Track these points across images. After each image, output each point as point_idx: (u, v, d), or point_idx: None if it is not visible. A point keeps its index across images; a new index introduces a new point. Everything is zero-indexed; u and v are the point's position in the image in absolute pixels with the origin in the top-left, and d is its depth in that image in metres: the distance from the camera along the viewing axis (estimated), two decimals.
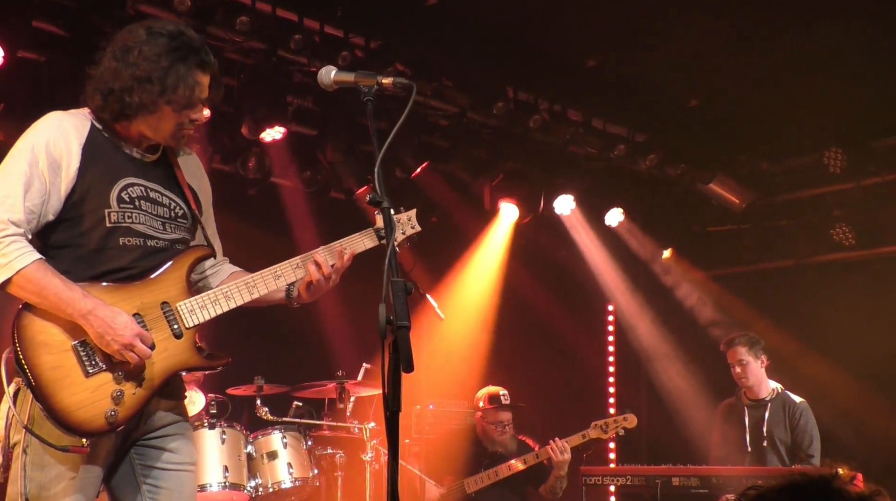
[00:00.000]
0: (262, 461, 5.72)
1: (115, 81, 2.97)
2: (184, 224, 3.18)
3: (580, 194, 8.09)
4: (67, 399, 2.85)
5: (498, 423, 6.70)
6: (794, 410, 6.47)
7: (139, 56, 2.96)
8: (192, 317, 3.09)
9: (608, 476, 6.52)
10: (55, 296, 2.86)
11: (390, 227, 2.66)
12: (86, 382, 2.89)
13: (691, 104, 7.71)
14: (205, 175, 3.38)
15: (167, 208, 3.13)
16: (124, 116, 3.00)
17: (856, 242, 8.11)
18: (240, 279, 3.22)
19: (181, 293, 3.10)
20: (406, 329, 2.44)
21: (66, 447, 2.86)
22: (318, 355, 6.87)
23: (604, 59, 7.01)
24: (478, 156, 7.60)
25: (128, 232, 3.02)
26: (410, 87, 2.80)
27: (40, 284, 2.86)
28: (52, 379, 2.85)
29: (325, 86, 2.96)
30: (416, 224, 3.56)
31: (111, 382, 2.92)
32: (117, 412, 2.91)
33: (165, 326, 3.05)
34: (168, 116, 3.01)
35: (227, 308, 3.15)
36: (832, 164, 7.79)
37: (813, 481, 1.65)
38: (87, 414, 2.87)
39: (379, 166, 2.67)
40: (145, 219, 3.06)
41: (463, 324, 8.10)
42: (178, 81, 2.96)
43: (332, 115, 6.85)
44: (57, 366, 2.87)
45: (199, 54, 3.02)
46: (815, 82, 7.07)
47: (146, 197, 3.08)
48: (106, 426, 2.90)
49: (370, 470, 5.84)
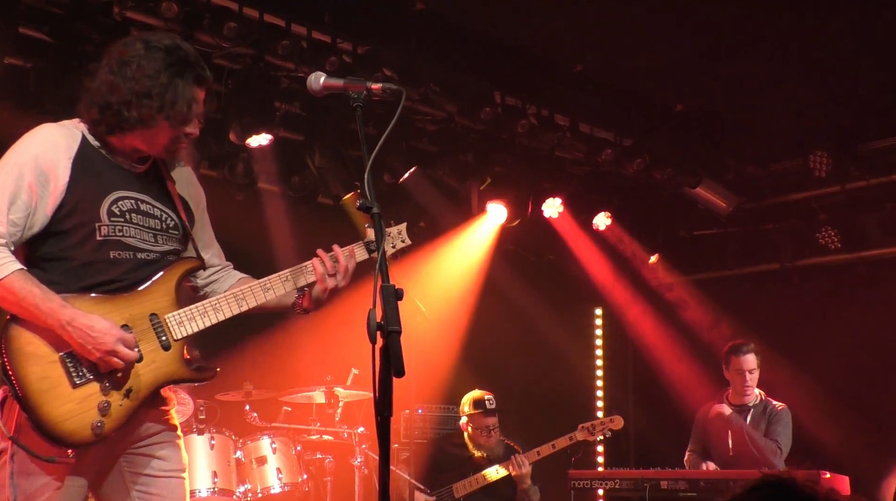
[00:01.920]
0: (252, 466, 5.72)
1: (113, 94, 2.97)
2: (175, 235, 3.17)
3: (567, 198, 8.12)
4: (54, 411, 2.85)
5: (484, 428, 6.71)
6: (773, 414, 6.51)
7: (137, 71, 2.96)
8: (180, 329, 3.08)
9: (596, 479, 6.53)
10: (34, 307, 2.86)
11: (381, 232, 2.67)
12: (73, 393, 2.88)
13: (677, 109, 7.75)
14: (197, 183, 3.37)
15: (158, 220, 3.13)
16: (119, 129, 3.00)
17: (841, 245, 8.15)
18: (229, 292, 3.21)
19: (170, 305, 3.09)
20: (397, 334, 2.45)
21: (53, 458, 2.86)
22: (306, 360, 6.87)
23: (591, 65, 7.04)
24: (465, 161, 7.61)
25: (118, 245, 3.02)
26: (400, 92, 2.82)
27: (20, 294, 2.85)
28: (39, 390, 2.85)
29: (314, 92, 2.97)
30: (407, 238, 3.52)
31: (98, 393, 2.91)
32: (104, 423, 2.90)
33: (154, 337, 3.04)
34: (164, 130, 3.02)
35: (215, 320, 3.14)
36: (817, 168, 7.82)
37: (779, 480, 1.68)
38: (74, 425, 2.86)
39: (369, 172, 2.68)
40: (136, 232, 3.05)
41: (450, 328, 8.10)
42: (176, 97, 2.97)
43: (319, 120, 6.85)
44: (44, 377, 2.86)
45: (195, 69, 3.03)
46: (800, 87, 7.11)
47: (137, 209, 3.07)
48: (92, 438, 2.89)
49: (359, 475, 5.84)
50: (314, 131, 6.92)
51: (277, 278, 3.23)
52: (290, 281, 3.24)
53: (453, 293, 8.26)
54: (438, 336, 7.84)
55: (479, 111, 6.97)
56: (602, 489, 6.58)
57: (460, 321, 8.27)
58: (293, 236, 7.13)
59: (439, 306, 7.81)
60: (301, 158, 7.05)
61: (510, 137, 7.37)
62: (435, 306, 7.38)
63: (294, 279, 3.24)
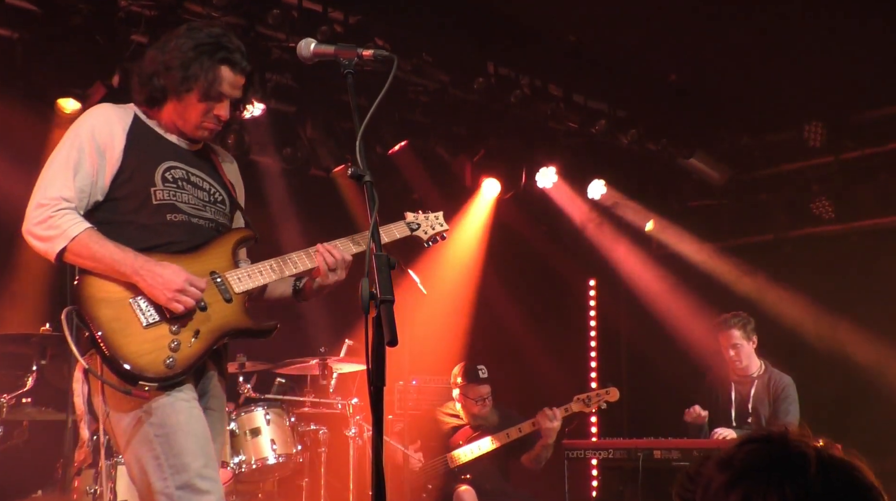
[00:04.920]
0: (246, 437, 5.72)
1: (150, 65, 3.24)
2: (222, 209, 3.37)
3: (561, 168, 8.10)
4: (127, 347, 2.99)
5: (477, 397, 6.72)
6: (778, 385, 6.51)
7: (175, 46, 3.20)
8: (240, 284, 3.25)
9: (590, 449, 6.55)
10: (109, 257, 3.03)
11: (373, 201, 2.66)
12: (144, 332, 3.03)
13: (671, 79, 7.71)
14: (241, 180, 3.58)
15: (207, 193, 3.32)
16: (155, 101, 3.24)
17: (835, 216, 8.14)
18: (282, 256, 3.37)
19: (228, 266, 3.28)
20: (390, 303, 2.43)
21: (129, 390, 2.98)
22: (300, 331, 6.87)
23: (584, 35, 6.99)
24: (458, 132, 7.57)
25: (173, 209, 3.19)
26: (391, 59, 2.80)
27: (93, 248, 3.03)
28: (113, 330, 3.00)
29: (304, 59, 2.95)
30: (444, 223, 3.83)
31: (168, 333, 3.06)
32: (175, 359, 3.03)
33: (216, 291, 3.20)
34: (191, 105, 3.22)
35: (271, 278, 3.31)
36: (812, 138, 7.81)
37: (768, 435, 1.68)
38: (148, 361, 2.99)
39: (360, 141, 2.66)
40: (188, 198, 3.24)
41: (445, 299, 8.11)
42: (199, 72, 3.17)
43: (311, 91, 6.80)
44: (116, 318, 3.02)
45: (227, 51, 3.22)
46: (794, 57, 7.08)
47: (187, 180, 3.27)
48: (166, 372, 3.01)
49: (353, 446, 5.85)
50: (306, 103, 6.87)
51: (318, 249, 3.37)
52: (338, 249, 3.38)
53: (447, 266, 8.25)
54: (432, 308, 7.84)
55: (472, 82, 6.94)
56: (596, 458, 6.60)
57: (454, 292, 8.27)
58: (287, 208, 7.11)
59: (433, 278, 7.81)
60: (293, 129, 7.01)
61: (503, 108, 7.33)
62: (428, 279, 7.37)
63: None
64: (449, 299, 8.18)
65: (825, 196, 8.15)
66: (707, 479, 1.63)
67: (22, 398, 5.03)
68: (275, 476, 5.95)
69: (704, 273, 8.85)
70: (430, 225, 3.78)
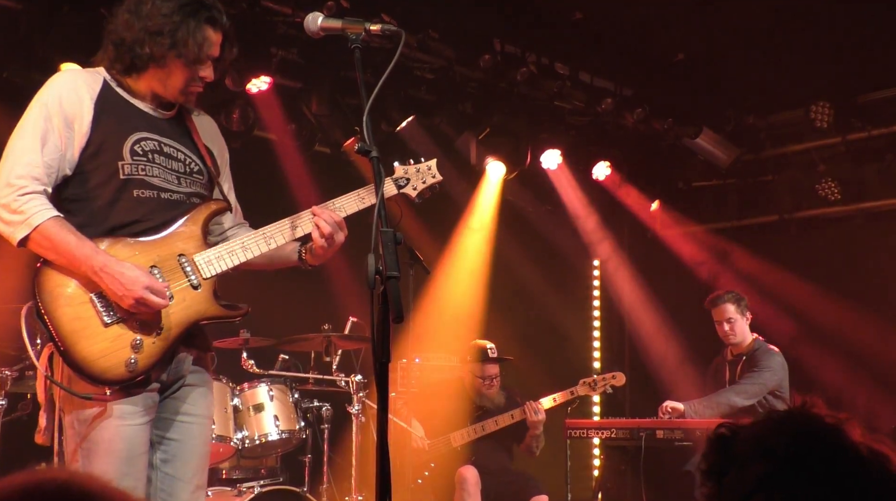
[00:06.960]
0: (249, 413, 5.72)
1: (128, 32, 3.04)
2: (199, 180, 3.23)
3: (567, 148, 8.06)
4: (88, 349, 2.92)
5: (486, 377, 6.72)
6: (761, 357, 6.50)
7: (152, 9, 3.02)
8: (209, 268, 3.13)
9: (593, 428, 6.58)
10: (70, 253, 2.92)
11: (380, 177, 2.65)
12: (105, 332, 2.95)
13: (678, 58, 7.66)
14: (220, 136, 3.43)
15: (181, 163, 3.18)
16: (135, 69, 3.08)
17: (841, 197, 8.12)
18: (257, 231, 3.24)
19: (198, 246, 3.14)
20: (396, 279, 2.43)
21: (89, 395, 2.93)
22: (304, 308, 6.86)
23: (590, 13, 6.94)
24: (463, 110, 7.54)
25: (141, 184, 3.06)
26: (399, 34, 2.78)
27: (55, 240, 2.91)
28: (73, 330, 2.92)
29: (311, 33, 2.93)
30: (437, 174, 3.52)
31: (130, 331, 2.97)
32: (137, 360, 2.96)
33: (182, 277, 3.09)
34: (177, 70, 3.07)
35: (243, 259, 3.18)
36: (818, 119, 7.78)
37: (790, 412, 1.64)
38: (108, 363, 2.93)
39: (367, 116, 2.65)
40: (159, 172, 3.10)
41: (449, 279, 8.10)
42: (187, 36, 3.02)
43: (316, 67, 6.76)
44: (76, 318, 2.94)
45: (209, 11, 3.08)
46: (801, 37, 7.03)
47: (160, 151, 3.13)
48: (127, 375, 2.95)
49: (357, 423, 5.85)
50: (312, 78, 6.83)
51: (306, 215, 3.22)
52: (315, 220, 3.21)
53: (453, 246, 8.24)
54: (437, 287, 7.84)
55: (477, 59, 6.89)
56: (598, 438, 6.63)
57: (460, 272, 8.25)
58: (291, 183, 7.09)
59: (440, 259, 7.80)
60: (298, 105, 6.97)
61: (509, 86, 7.29)
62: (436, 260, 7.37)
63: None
64: (453, 276, 8.17)
65: (831, 177, 8.12)
66: (743, 459, 1.59)
67: (25, 371, 5.03)
68: (278, 452, 5.95)
69: (709, 255, 8.83)
70: (420, 178, 3.47)
